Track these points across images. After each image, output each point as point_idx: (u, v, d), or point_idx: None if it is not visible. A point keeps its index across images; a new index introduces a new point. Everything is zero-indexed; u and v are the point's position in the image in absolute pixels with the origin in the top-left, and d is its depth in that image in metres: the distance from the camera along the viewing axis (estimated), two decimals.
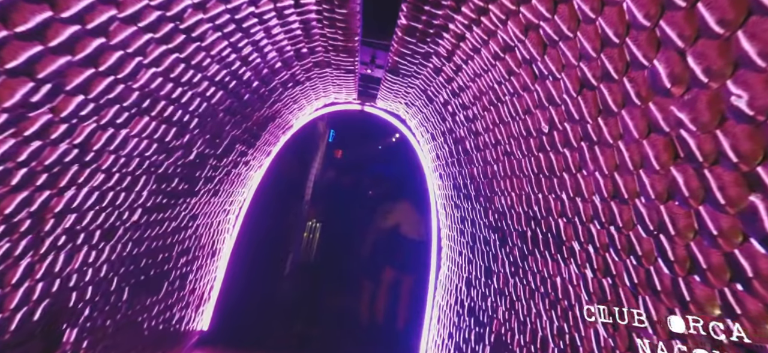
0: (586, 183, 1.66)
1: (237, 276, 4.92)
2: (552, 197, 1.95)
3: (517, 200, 2.36)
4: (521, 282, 2.25)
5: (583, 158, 1.66)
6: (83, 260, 2.05)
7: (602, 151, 1.52)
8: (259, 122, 3.51)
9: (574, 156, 1.73)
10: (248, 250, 5.17)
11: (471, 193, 3.14)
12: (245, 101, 2.91)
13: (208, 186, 3.35)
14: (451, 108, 3.12)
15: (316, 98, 4.28)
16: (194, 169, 2.85)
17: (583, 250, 1.68)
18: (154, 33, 1.57)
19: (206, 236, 3.94)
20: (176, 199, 2.89)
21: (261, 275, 5.74)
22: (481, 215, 2.96)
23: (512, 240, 2.41)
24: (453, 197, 3.71)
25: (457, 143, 3.32)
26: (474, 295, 3.02)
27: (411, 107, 3.98)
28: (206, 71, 2.13)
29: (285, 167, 5.89)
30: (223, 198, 3.96)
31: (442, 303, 3.81)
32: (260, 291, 5.71)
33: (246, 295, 5.40)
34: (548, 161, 1.95)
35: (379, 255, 5.35)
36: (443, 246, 4.16)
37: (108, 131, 1.71)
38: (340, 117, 8.96)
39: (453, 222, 3.75)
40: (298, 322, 5.35)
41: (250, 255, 5.27)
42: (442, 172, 4.06)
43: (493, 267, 2.71)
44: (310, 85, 3.75)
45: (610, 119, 1.44)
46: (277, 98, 3.40)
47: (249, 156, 3.97)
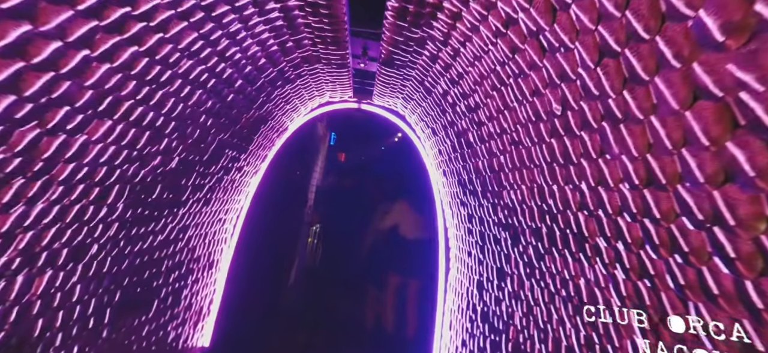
0: (610, 169, 1.40)
1: (238, 287, 4.70)
2: (569, 188, 1.69)
3: (528, 194, 2.10)
4: (539, 285, 1.99)
5: (605, 140, 1.40)
6: (48, 283, 1.83)
7: (630, 130, 1.26)
8: (248, 125, 3.28)
9: (594, 139, 1.48)
10: (249, 259, 4.95)
11: (477, 189, 2.88)
12: (230, 102, 2.68)
13: (198, 195, 3.13)
14: (450, 98, 2.87)
15: (310, 98, 4.05)
16: (178, 177, 2.63)
17: (611, 247, 1.42)
18: (98, 19, 1.34)
19: (201, 248, 3.72)
20: (160, 210, 2.67)
21: (264, 284, 5.52)
22: (489, 212, 2.71)
23: (525, 238, 2.15)
24: (458, 195, 3.45)
25: (460, 136, 3.06)
26: (487, 299, 2.76)
27: (409, 101, 3.73)
28: (176, 67, 1.91)
29: (284, 171, 5.67)
30: (217, 207, 3.74)
31: (454, 308, 3.54)
32: (264, 301, 5.49)
33: (249, 306, 5.18)
34: (563, 147, 1.69)
35: (379, 259, 5.10)
36: (451, 247, 3.90)
37: (58, 136, 1.49)
38: (340, 119, 8.75)
39: (460, 221, 3.50)
40: (303, 331, 5.13)
41: (251, 265, 5.05)
42: (445, 168, 3.81)
43: (506, 268, 2.45)
44: (302, 84, 3.52)
45: (639, 89, 1.19)
46: (266, 98, 3.18)
47: (242, 161, 3.75)
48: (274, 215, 5.48)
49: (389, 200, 5.18)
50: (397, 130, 7.43)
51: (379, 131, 8.99)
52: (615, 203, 1.41)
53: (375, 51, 3.00)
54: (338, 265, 5.93)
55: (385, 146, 9.38)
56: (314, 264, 6.31)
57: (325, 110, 4.45)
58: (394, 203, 5.11)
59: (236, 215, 4.42)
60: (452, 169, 3.53)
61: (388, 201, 5.18)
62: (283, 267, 6.09)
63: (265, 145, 4.14)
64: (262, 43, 2.38)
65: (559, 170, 1.77)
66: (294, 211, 6.50)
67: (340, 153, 9.89)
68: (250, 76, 2.65)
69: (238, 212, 4.44)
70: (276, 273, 5.91)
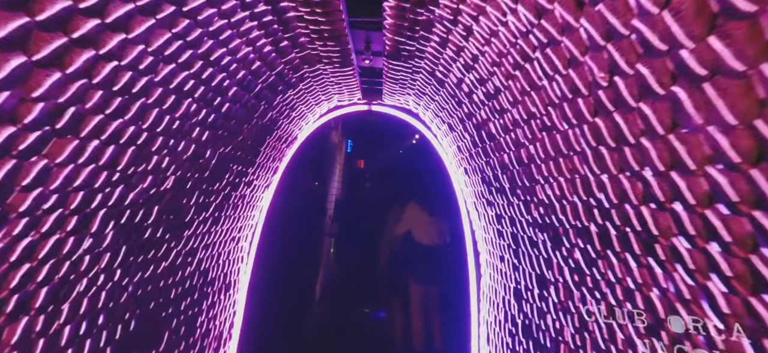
0: (689, 146, 1.04)
1: (261, 306, 4.47)
2: (625, 176, 1.33)
3: (569, 188, 1.74)
4: (592, 295, 1.62)
5: (679, 109, 1.04)
6: (25, 329, 1.60)
7: (722, 90, 0.90)
8: (251, 136, 3.03)
9: (659, 109, 1.11)
10: (269, 277, 4.72)
11: (505, 185, 2.52)
12: (226, 112, 2.43)
13: (204, 214, 2.89)
14: (465, 87, 2.53)
15: (317, 103, 3.78)
16: (177, 197, 2.40)
17: (698, 250, 1.05)
18: (30, 14, 1.09)
19: (215, 270, 3.49)
20: (161, 235, 2.44)
21: (287, 301, 5.28)
22: (521, 211, 2.34)
23: (569, 240, 1.78)
24: (484, 194, 3.09)
25: (480, 129, 2.71)
26: (527, 310, 2.39)
27: (421, 96, 3.40)
28: (153, 74, 1.65)
29: (300, 183, 5.43)
30: (229, 225, 3.51)
31: (490, 320, 3.17)
32: (288, 318, 5.24)
33: (273, 325, 4.95)
34: (612, 125, 1.33)
35: (398, 268, 4.76)
36: (480, 251, 3.53)
37: (6, 162, 1.24)
38: (355, 126, 8.49)
39: (488, 223, 3.13)
40: (330, 347, 4.84)
41: (272, 282, 4.81)
42: (466, 166, 3.45)
43: (547, 275, 2.08)
44: (306, 88, 3.25)
45: (739, 29, 0.83)
46: (267, 105, 2.92)
47: (250, 176, 3.51)
48: (292, 229, 5.24)
49: (399, 203, 4.83)
50: (412, 130, 7.11)
51: (396, 134, 8.68)
52: (698, 189, 1.04)
53: (379, 44, 2.70)
54: (362, 276, 5.62)
55: (403, 149, 9.06)
56: (338, 277, 6.02)
57: (335, 115, 4.17)
58: (404, 206, 4.76)
59: (251, 232, 4.18)
60: (474, 166, 3.17)
61: (399, 204, 4.84)
62: (306, 282, 5.83)
63: (274, 156, 3.90)
64: (253, 43, 2.11)
65: (609, 156, 1.41)
66: (314, 223, 6.25)
67: (358, 160, 9.63)
68: (245, 82, 2.39)
69: (253, 228, 4.21)
70: (299, 289, 5.65)
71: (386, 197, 5.62)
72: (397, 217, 4.73)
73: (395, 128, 9.01)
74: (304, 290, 5.61)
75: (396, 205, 4.83)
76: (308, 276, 5.91)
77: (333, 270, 6.02)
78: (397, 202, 4.89)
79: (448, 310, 4.38)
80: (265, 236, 4.40)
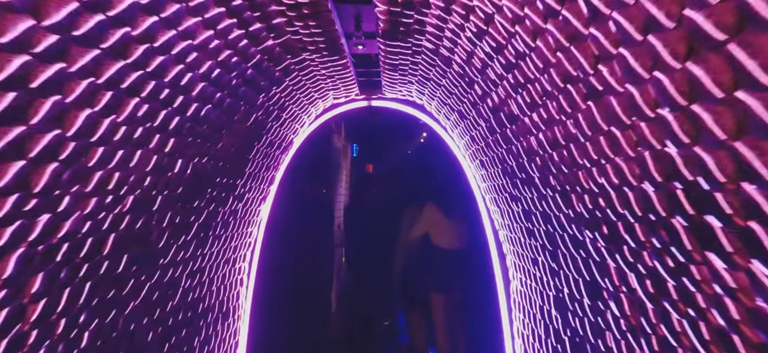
0: None
1: (268, 331, 4.05)
2: (743, 142, 0.85)
3: (632, 170, 1.26)
4: (682, 313, 1.13)
5: None
6: None
7: None
8: (235, 143, 2.61)
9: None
10: (276, 298, 4.30)
11: (534, 175, 2.04)
12: (195, 115, 2.01)
13: (184, 238, 2.47)
14: (477, 61, 2.06)
15: (311, 102, 3.36)
16: (143, 223, 1.98)
17: None
18: None
19: (208, 299, 3.07)
20: (127, 269, 2.03)
21: (298, 321, 4.85)
22: (558, 205, 1.86)
23: (635, 238, 1.30)
24: (506, 187, 2.61)
25: (497, 111, 2.24)
26: (576, 325, 1.90)
27: (424, 83, 2.95)
28: (101, 71, 1.23)
29: (302, 192, 5.01)
30: (220, 246, 3.09)
31: (526, 333, 2.68)
32: (300, 339, 4.81)
33: (284, 348, 4.52)
34: (722, 65, 0.86)
35: (416, 275, 4.27)
36: (506, 253, 3.04)
37: None
38: (358, 129, 8.07)
39: (513, 220, 2.65)
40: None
41: (279, 304, 4.39)
42: (482, 158, 2.98)
43: (602, 283, 1.60)
44: (294, 85, 2.82)
45: None
46: (249, 106, 2.49)
47: (240, 188, 3.09)
48: (298, 243, 4.81)
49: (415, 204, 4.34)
50: (418, 128, 6.64)
51: (402, 134, 8.23)
52: None
53: (371, 23, 2.25)
54: (377, 288, 5.15)
55: (411, 149, 8.59)
56: (351, 290, 5.56)
57: (332, 114, 3.74)
58: (421, 207, 4.26)
59: (249, 250, 3.77)
60: (492, 156, 2.69)
61: (414, 206, 4.34)
62: (318, 298, 5.39)
63: (268, 165, 3.48)
64: (213, 24, 1.69)
65: (712, 115, 0.93)
66: (322, 234, 5.81)
67: (367, 164, 9.20)
68: (214, 77, 1.97)
69: (252, 247, 3.79)
70: (310, 306, 5.20)
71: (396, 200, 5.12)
72: (412, 220, 4.24)
73: (401, 128, 8.56)
74: (315, 307, 5.17)
75: (411, 207, 4.34)
76: (320, 291, 5.47)
77: (346, 283, 5.57)
78: (411, 204, 4.41)
79: (475, 321, 3.89)
80: (266, 254, 3.98)
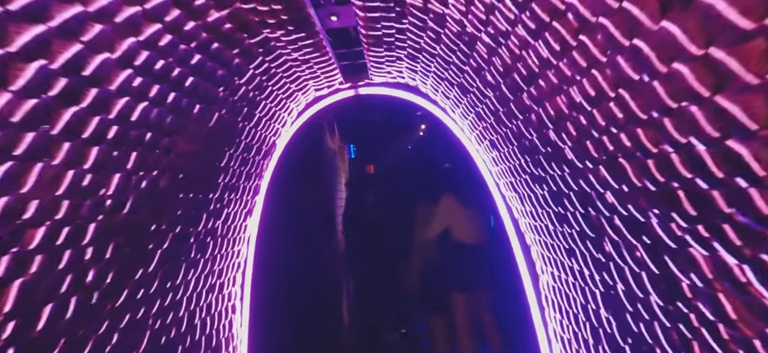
0: None
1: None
2: None
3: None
4: None
5: None
6: None
7: None
8: (197, 150, 2.17)
9: None
10: (277, 319, 3.87)
11: (564, 145, 1.58)
12: (147, 119, 1.58)
13: (143, 271, 2.03)
14: (478, 10, 1.60)
15: (289, 97, 2.91)
16: (79, 261, 1.55)
17: None
18: None
19: (192, 336, 2.64)
20: (103, 304, 1.60)
21: (304, 337, 4.40)
22: (603, 180, 1.39)
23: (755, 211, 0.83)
24: (524, 168, 2.15)
25: (509, 72, 1.78)
26: (643, 331, 1.44)
27: (416, 57, 2.49)
28: None
29: (296, 201, 4.56)
30: (199, 272, 2.66)
31: (567, 336, 2.21)
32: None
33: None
34: None
35: (434, 275, 3.81)
36: (530, 244, 2.58)
37: None
38: (351, 129, 7.62)
39: (537, 205, 2.19)
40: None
41: (282, 325, 3.96)
42: (492, 136, 2.52)
43: (682, 276, 1.14)
44: (264, 76, 2.38)
45: None
46: (208, 104, 2.05)
47: (215, 203, 2.65)
48: (297, 255, 4.36)
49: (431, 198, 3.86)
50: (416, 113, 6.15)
51: (399, 125, 7.76)
52: None
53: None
54: (386, 297, 4.68)
55: (411, 143, 8.13)
56: (358, 303, 5.08)
57: (317, 109, 3.29)
58: (437, 200, 3.79)
59: (239, 272, 3.33)
60: (505, 133, 2.23)
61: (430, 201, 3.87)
62: (325, 313, 4.93)
63: (249, 173, 3.04)
64: (156, 15, 1.24)
65: None
66: (323, 243, 5.35)
67: (368, 165, 8.76)
68: (163, 74, 1.53)
69: (241, 267, 3.36)
70: (317, 323, 4.74)
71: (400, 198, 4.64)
72: (428, 216, 3.76)
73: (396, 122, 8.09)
74: (322, 321, 4.71)
75: (425, 202, 3.87)
76: (325, 305, 5.01)
77: (351, 295, 5.10)
78: (424, 199, 3.93)
79: (501, 322, 3.42)
80: (261, 274, 3.55)
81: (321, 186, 5.05)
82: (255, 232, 3.43)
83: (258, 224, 3.43)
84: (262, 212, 3.43)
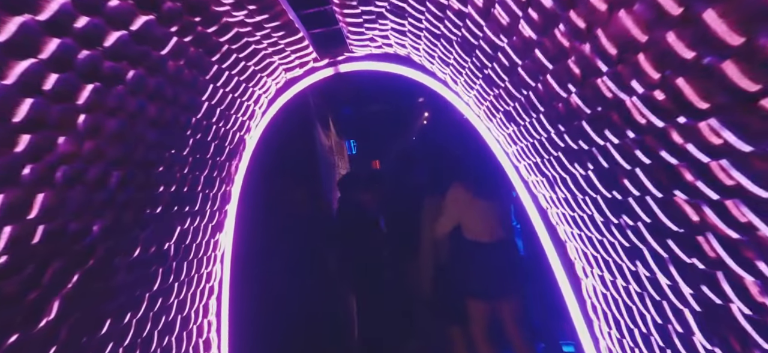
0: None
1: None
2: None
3: None
4: None
5: None
6: None
7: None
8: (133, 157, 1.66)
9: None
10: (264, 341, 3.38)
11: (628, 96, 1.03)
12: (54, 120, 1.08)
13: (74, 316, 1.55)
14: None
15: (255, 84, 2.39)
16: None
17: None
18: None
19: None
20: None
21: None
22: (703, 142, 0.84)
23: None
24: (553, 144, 1.61)
25: (528, 5, 1.23)
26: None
27: (401, 19, 1.95)
28: None
29: (285, 207, 4.06)
30: (159, 306, 2.17)
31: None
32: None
33: None
34: None
35: (448, 281, 3.27)
36: (565, 240, 2.04)
37: None
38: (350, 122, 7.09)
39: (572, 191, 1.64)
40: None
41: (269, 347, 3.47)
42: (505, 107, 1.97)
43: None
44: (224, 62, 1.86)
45: None
46: (145, 98, 1.54)
47: (178, 221, 2.16)
48: (291, 271, 3.84)
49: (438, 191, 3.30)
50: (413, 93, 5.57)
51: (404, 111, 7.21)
52: None
53: None
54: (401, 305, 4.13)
55: (415, 132, 7.57)
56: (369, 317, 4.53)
57: (292, 94, 2.77)
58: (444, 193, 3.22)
59: (213, 298, 2.84)
60: (525, 97, 1.68)
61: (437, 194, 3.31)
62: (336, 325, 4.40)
63: (210, 180, 2.53)
64: None
65: None
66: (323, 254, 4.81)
67: (373, 161, 8.26)
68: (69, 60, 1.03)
69: (216, 292, 2.86)
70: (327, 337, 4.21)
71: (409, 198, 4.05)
72: (435, 210, 3.20)
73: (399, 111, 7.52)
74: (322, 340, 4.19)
75: (433, 196, 3.32)
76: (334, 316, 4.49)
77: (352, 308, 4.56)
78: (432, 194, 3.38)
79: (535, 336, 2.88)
80: (240, 296, 3.04)
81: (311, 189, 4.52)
82: (229, 248, 2.92)
83: (232, 238, 2.92)
84: (235, 224, 2.92)
